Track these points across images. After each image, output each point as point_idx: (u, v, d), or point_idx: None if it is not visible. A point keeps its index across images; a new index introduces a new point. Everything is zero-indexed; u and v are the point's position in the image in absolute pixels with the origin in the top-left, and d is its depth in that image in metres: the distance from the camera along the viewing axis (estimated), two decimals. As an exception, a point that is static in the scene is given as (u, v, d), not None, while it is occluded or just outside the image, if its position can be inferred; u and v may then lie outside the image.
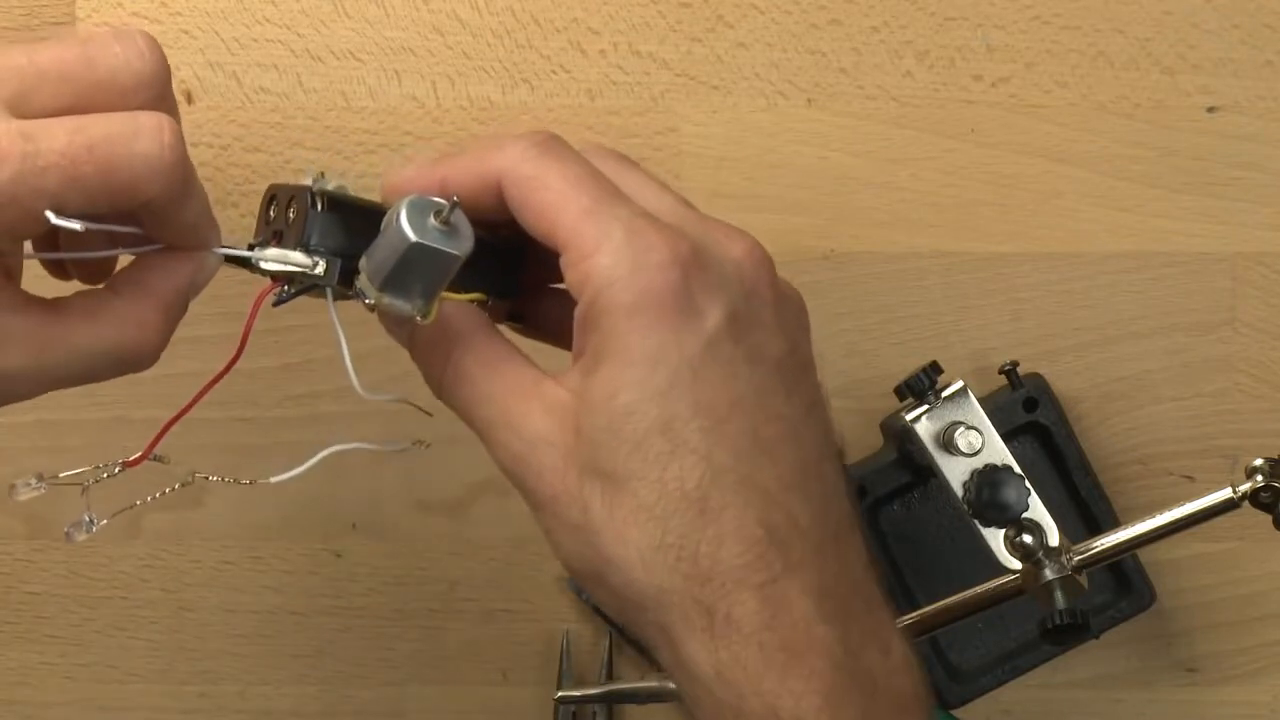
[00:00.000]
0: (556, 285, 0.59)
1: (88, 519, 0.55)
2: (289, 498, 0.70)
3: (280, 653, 0.71)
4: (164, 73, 0.48)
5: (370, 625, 0.70)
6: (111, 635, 0.70)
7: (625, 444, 0.50)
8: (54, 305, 0.49)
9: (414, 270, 0.51)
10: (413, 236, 0.50)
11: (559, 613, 0.70)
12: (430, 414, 0.59)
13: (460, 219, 0.51)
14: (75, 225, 0.46)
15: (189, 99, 0.69)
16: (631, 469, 0.50)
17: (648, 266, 0.51)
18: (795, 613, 0.50)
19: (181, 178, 0.48)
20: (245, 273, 0.58)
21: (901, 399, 0.63)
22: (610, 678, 0.69)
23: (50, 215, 0.45)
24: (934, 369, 0.62)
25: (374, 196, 0.61)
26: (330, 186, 0.54)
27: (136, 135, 0.46)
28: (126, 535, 0.70)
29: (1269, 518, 0.60)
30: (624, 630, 0.69)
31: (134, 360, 0.50)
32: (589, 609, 0.69)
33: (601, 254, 0.51)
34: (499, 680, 0.71)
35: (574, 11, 0.69)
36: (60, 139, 0.45)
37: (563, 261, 0.52)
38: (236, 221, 0.68)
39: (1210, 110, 0.69)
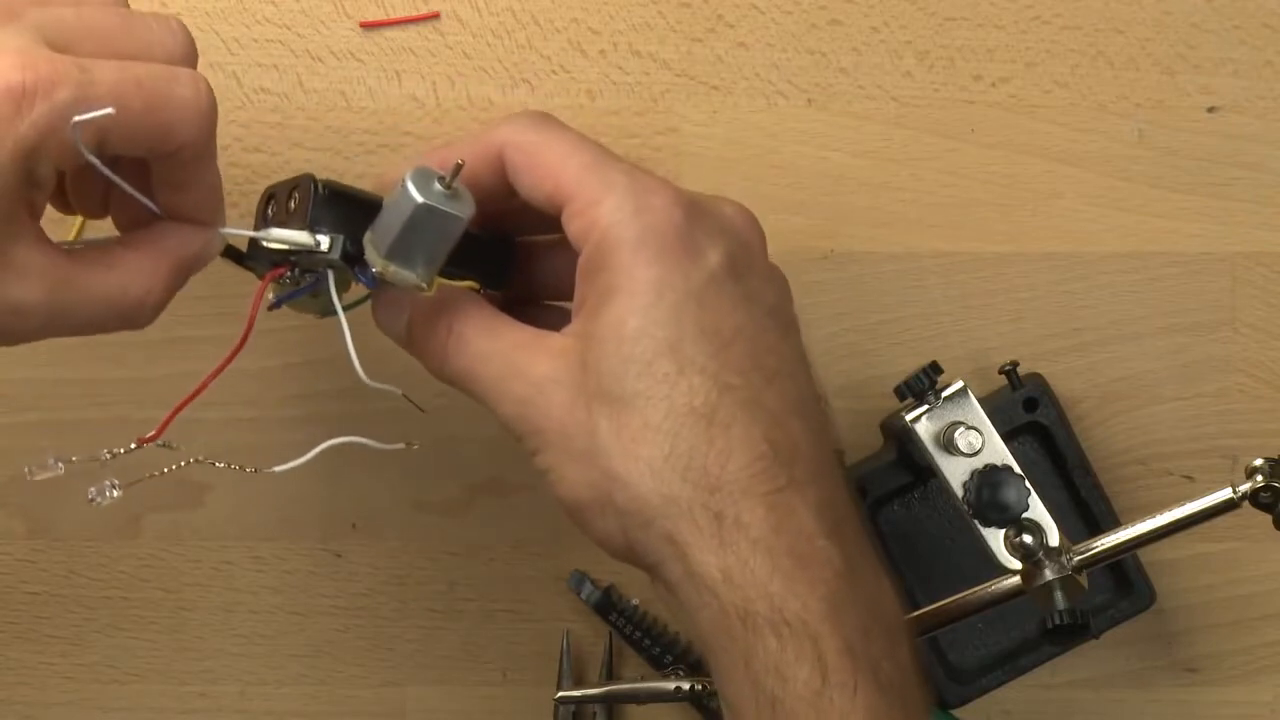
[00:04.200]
0: (550, 302, 0.61)
1: (109, 484, 0.57)
2: (289, 498, 0.70)
3: (280, 653, 0.70)
4: (192, 53, 0.51)
5: (370, 625, 0.70)
6: (111, 635, 0.70)
7: (634, 366, 0.52)
8: (70, 250, 0.51)
9: (419, 235, 0.53)
10: (419, 198, 0.52)
11: (559, 613, 0.70)
12: (424, 410, 0.60)
13: (462, 187, 0.53)
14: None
15: (189, 99, 0.69)
16: (639, 389, 0.52)
17: (652, 208, 0.53)
18: (800, 523, 0.52)
19: (211, 128, 0.51)
20: (247, 274, 0.58)
21: (901, 399, 0.63)
22: (610, 678, 0.69)
23: (81, 117, 0.46)
24: (934, 369, 0.62)
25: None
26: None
27: (176, 80, 0.49)
28: (126, 535, 0.70)
29: (1269, 518, 0.60)
30: (623, 626, 0.69)
31: (135, 313, 0.52)
32: (589, 609, 0.69)
33: (607, 199, 0.53)
34: (499, 680, 0.71)
35: (574, 11, 0.69)
36: (111, 72, 0.47)
37: (566, 215, 0.54)
38: (236, 221, 0.68)
39: (1210, 110, 0.69)
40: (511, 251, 0.60)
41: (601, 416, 0.52)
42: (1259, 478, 0.59)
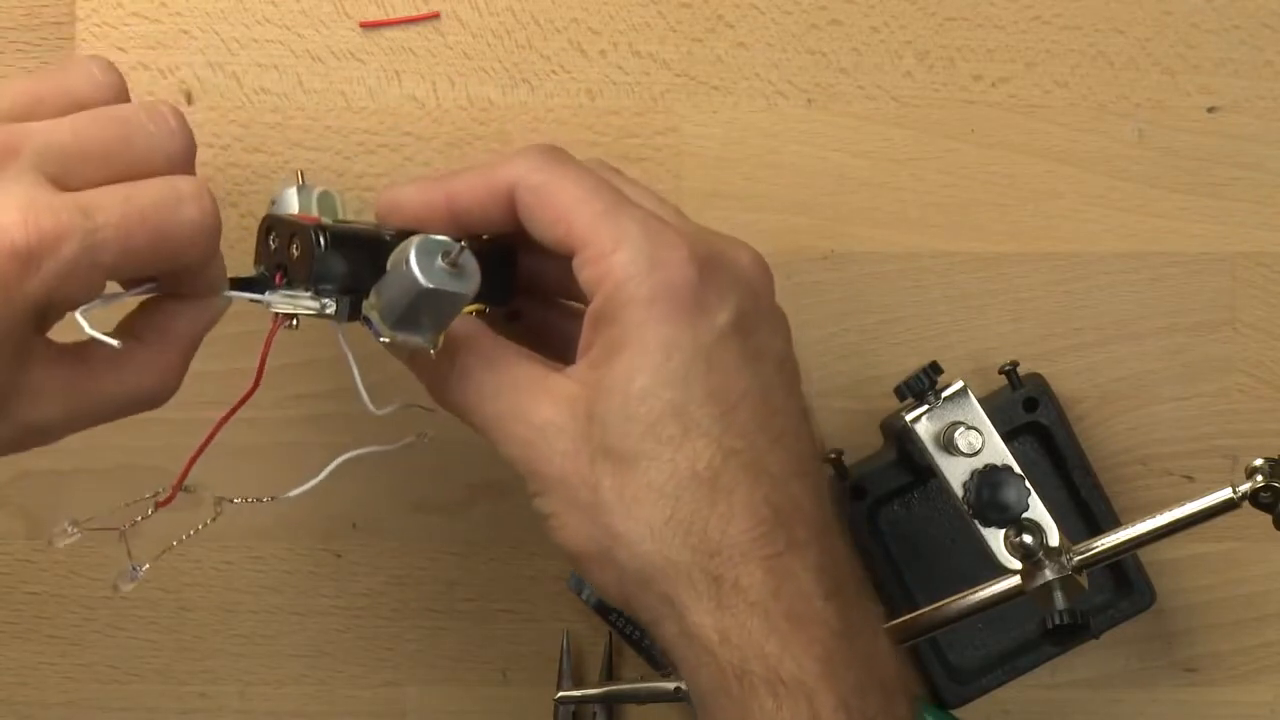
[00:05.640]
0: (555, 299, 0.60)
1: (133, 568, 0.58)
2: (289, 498, 0.70)
3: (280, 653, 0.70)
4: (192, 149, 0.51)
5: (370, 625, 0.70)
6: (111, 635, 0.70)
7: (638, 425, 0.52)
8: (81, 355, 0.50)
9: (425, 310, 0.53)
10: (424, 283, 0.52)
11: (559, 613, 0.70)
12: (431, 409, 0.60)
13: (467, 259, 0.52)
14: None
15: (189, 99, 0.69)
16: (643, 450, 0.52)
17: (666, 263, 0.53)
18: (799, 586, 0.52)
19: (217, 241, 0.50)
20: (248, 272, 0.58)
21: (901, 399, 0.63)
22: (610, 678, 0.69)
23: (82, 321, 0.47)
24: (934, 369, 0.62)
25: (373, 199, 0.61)
26: (315, 193, 0.56)
27: (180, 202, 0.49)
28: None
29: (1269, 518, 0.60)
30: (623, 626, 0.69)
31: (155, 402, 0.53)
32: (589, 609, 0.69)
33: (621, 251, 0.53)
34: (499, 680, 0.71)
35: (574, 11, 0.69)
36: (115, 211, 0.47)
37: (578, 261, 0.54)
38: (236, 222, 0.68)
39: (1210, 110, 0.69)
40: (514, 263, 0.59)
41: (605, 473, 0.52)
42: (1259, 478, 0.60)
